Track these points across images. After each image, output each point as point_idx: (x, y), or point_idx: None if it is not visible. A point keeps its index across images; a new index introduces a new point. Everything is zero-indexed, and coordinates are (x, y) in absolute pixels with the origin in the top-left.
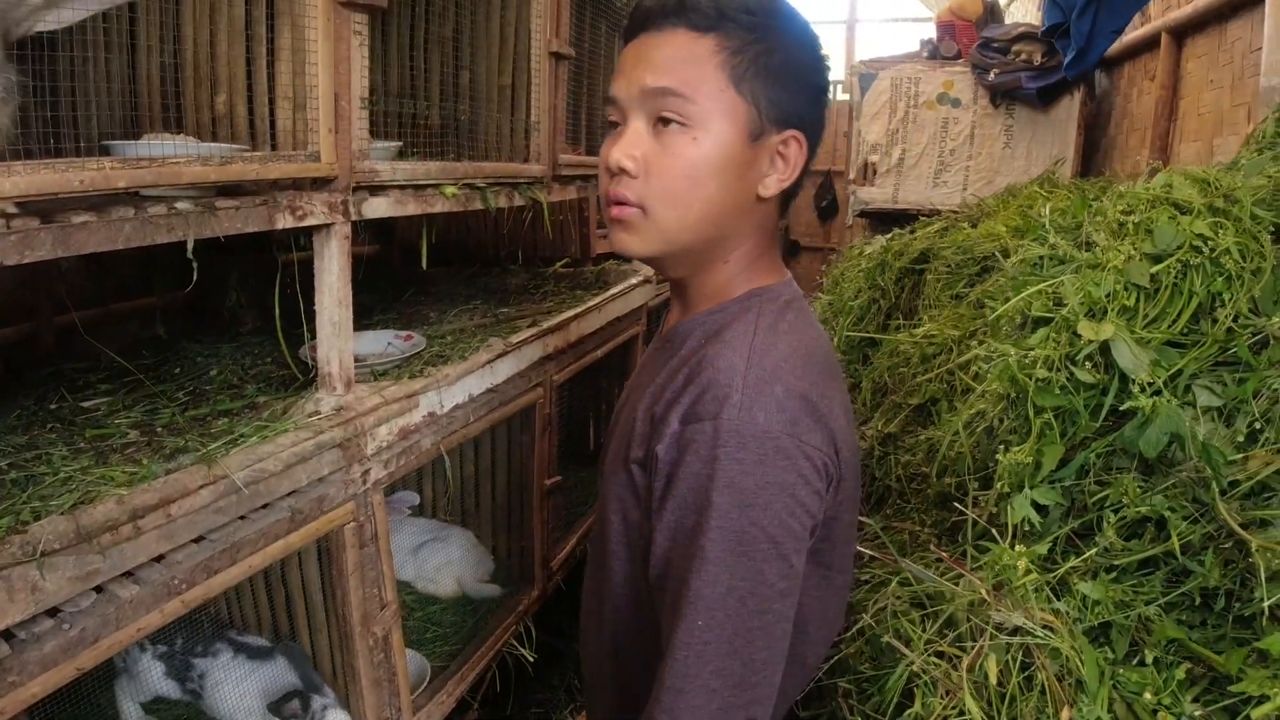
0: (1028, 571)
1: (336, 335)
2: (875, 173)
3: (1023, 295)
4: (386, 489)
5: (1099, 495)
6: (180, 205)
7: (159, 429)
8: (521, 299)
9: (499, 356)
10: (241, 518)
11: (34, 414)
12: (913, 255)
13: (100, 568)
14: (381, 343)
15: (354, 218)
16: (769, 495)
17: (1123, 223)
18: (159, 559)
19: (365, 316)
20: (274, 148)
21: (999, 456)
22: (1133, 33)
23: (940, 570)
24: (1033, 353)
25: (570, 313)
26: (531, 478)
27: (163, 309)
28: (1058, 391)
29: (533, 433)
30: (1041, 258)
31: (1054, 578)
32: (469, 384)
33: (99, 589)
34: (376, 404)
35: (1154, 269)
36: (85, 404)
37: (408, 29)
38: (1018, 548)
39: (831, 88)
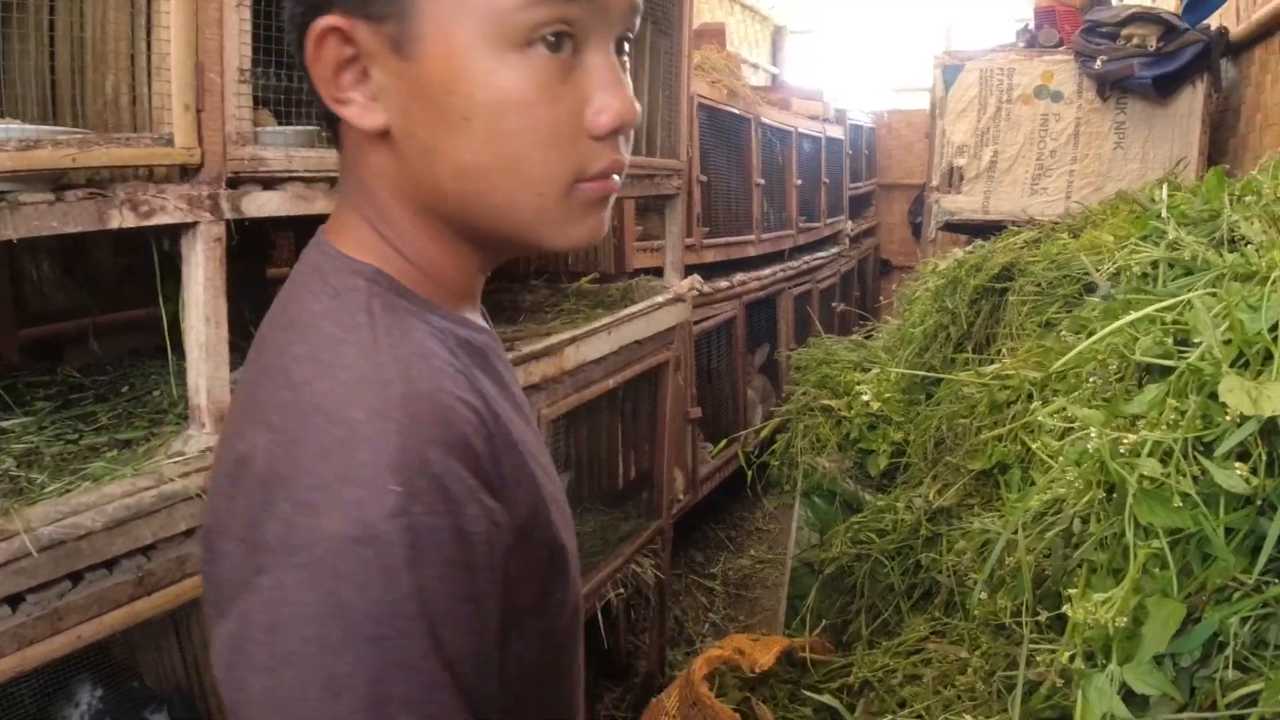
0: None
1: (205, 360)
2: (962, 179)
3: (1117, 325)
4: None
5: (1242, 692)
6: None
7: (49, 458)
8: (531, 319)
9: None
10: (76, 576)
11: None
12: (992, 271)
13: None
14: None
15: (229, 216)
16: None
17: None
18: None
19: None
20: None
21: (1072, 594)
22: (1265, 6)
23: None
24: (1136, 431)
25: (566, 335)
26: None
27: (150, 321)
28: (1178, 503)
29: None
30: (1156, 263)
31: None
32: None
33: None
34: None
35: None
36: (4, 424)
37: None
38: None
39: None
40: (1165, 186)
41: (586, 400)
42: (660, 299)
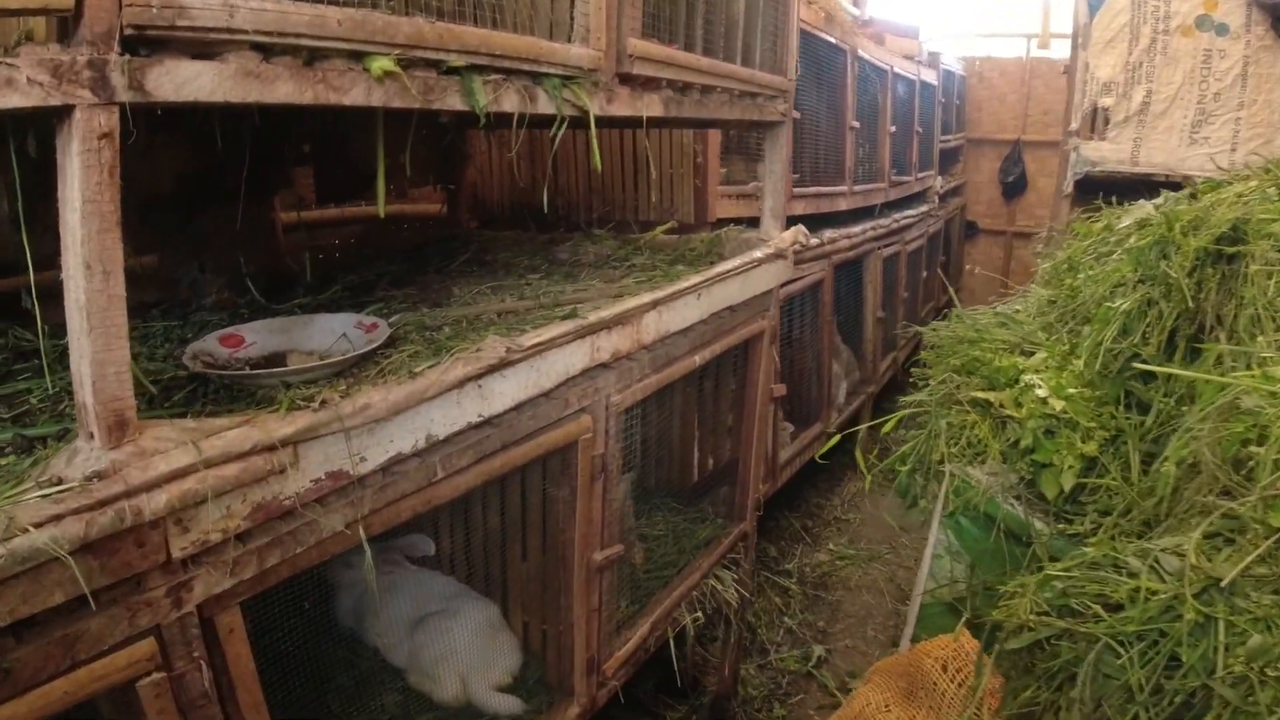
0: None
1: (88, 334)
2: (1108, 122)
3: None
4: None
5: None
6: None
7: None
8: (596, 274)
9: (487, 372)
10: None
11: None
12: (1217, 230)
13: None
14: (333, 332)
15: (125, 97)
16: None
17: None
18: None
19: (366, 291)
20: None
21: None
22: None
23: None
24: None
25: (645, 298)
26: (571, 549)
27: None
28: None
29: (571, 483)
30: None
31: None
32: (419, 421)
33: None
34: (181, 467)
35: None
36: None
37: None
38: None
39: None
40: None
41: (667, 383)
42: (758, 254)
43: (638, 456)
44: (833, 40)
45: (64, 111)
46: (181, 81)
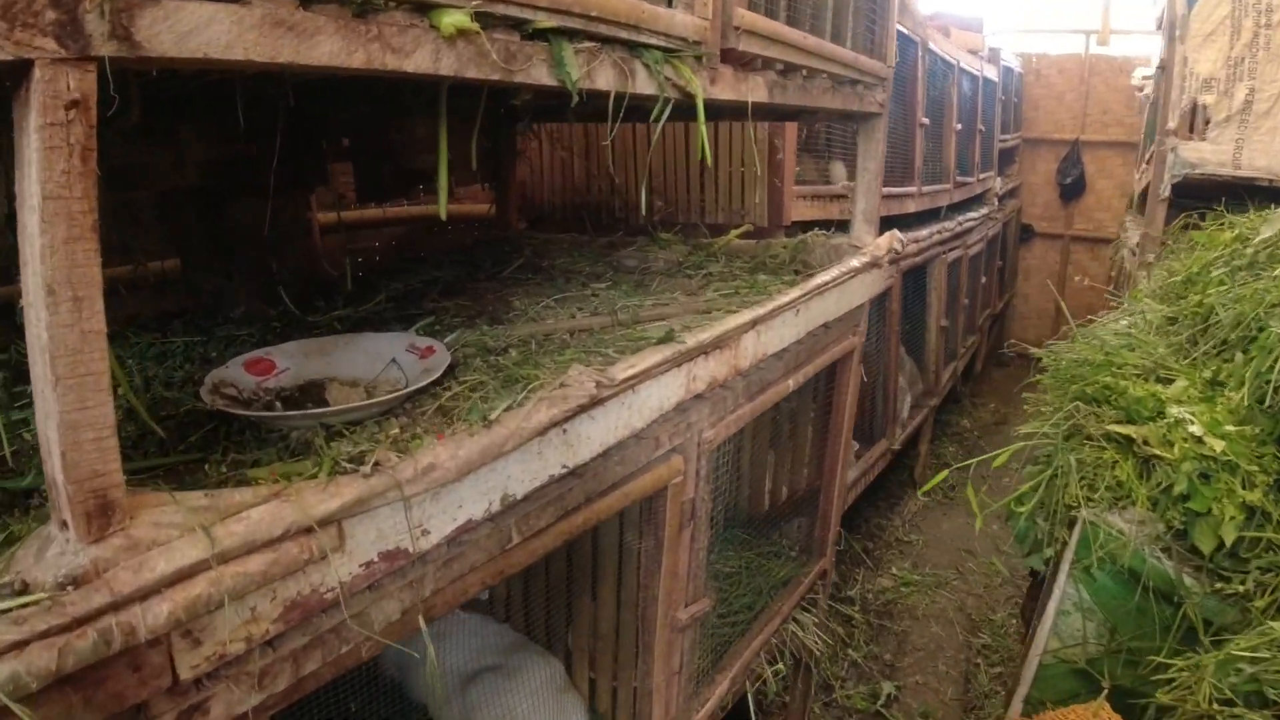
0: None
1: (54, 384)
2: (1208, 122)
3: None
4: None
5: None
6: None
7: None
8: (671, 284)
9: (575, 414)
10: None
11: None
12: None
13: None
14: (380, 356)
15: (103, 50)
16: None
17: None
18: None
19: (414, 302)
20: None
21: None
22: None
23: None
24: None
25: (744, 316)
26: (654, 606)
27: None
28: None
29: (657, 533)
30: None
31: None
32: (494, 479)
33: None
34: (188, 565)
35: None
36: None
37: None
38: None
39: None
40: None
41: (759, 411)
42: (855, 263)
43: (724, 495)
44: (904, 30)
45: (18, 70)
46: (187, 30)
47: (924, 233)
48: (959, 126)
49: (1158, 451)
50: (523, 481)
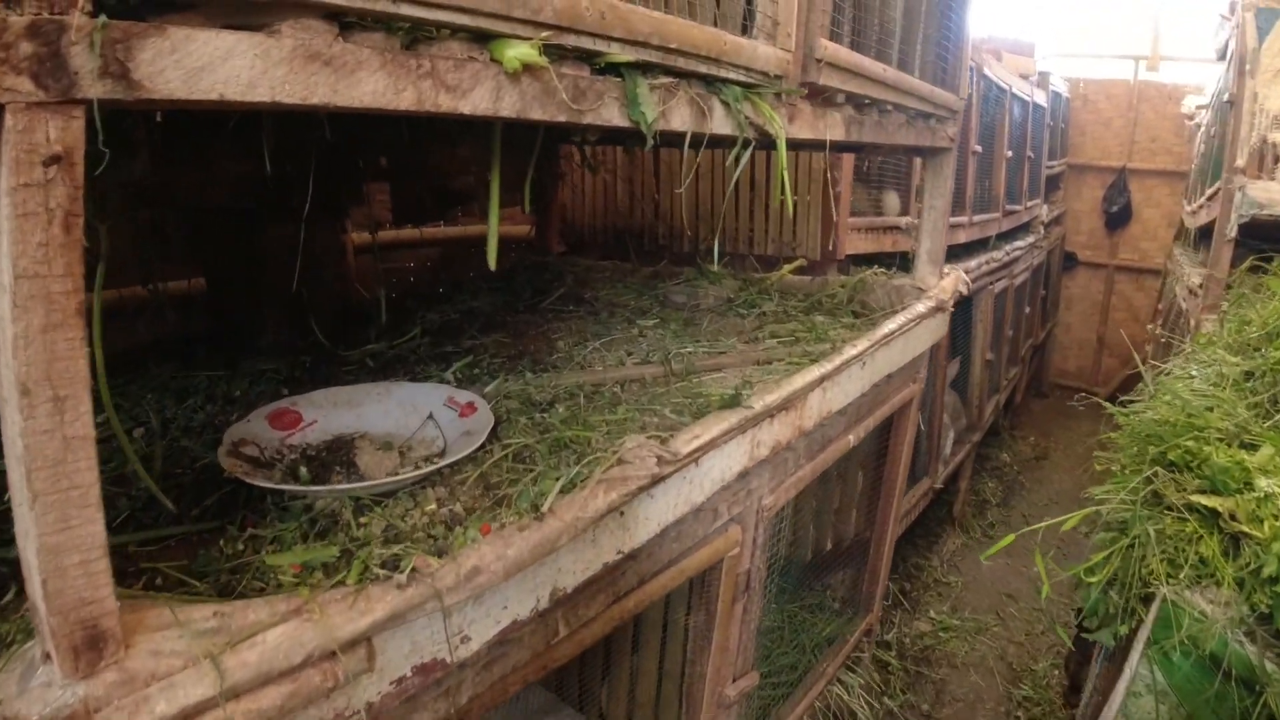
0: None
1: (32, 501)
2: (1277, 160)
3: None
4: None
5: None
6: None
7: None
8: (721, 323)
9: (635, 495)
10: None
11: None
12: None
13: None
14: (417, 411)
15: (96, 92)
16: None
17: None
18: None
19: (451, 336)
20: None
21: None
22: None
23: None
24: None
25: (812, 373)
26: (701, 684)
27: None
28: None
29: (709, 607)
30: None
31: None
32: (544, 574)
33: None
34: (194, 704)
35: None
36: None
37: None
38: None
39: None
40: None
41: (820, 471)
42: (921, 308)
43: (779, 562)
44: None
45: None
46: (199, 65)
47: (973, 263)
48: (1009, 154)
49: (1245, 528)
50: (575, 574)
